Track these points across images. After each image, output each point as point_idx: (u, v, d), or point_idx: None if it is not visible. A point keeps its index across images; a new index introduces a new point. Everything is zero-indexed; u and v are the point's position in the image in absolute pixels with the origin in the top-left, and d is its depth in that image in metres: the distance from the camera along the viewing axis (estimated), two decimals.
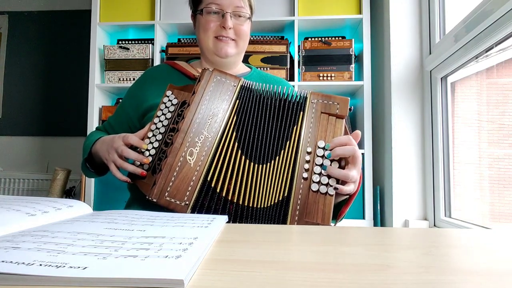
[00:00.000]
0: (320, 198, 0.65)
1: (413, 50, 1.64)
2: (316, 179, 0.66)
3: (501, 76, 1.30)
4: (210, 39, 0.94)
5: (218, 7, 0.91)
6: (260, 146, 0.70)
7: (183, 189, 0.66)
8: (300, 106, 0.73)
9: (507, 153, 1.27)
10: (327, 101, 0.73)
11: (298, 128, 0.71)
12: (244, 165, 0.69)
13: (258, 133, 0.71)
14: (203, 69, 0.78)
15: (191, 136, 0.69)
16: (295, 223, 0.64)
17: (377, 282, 0.28)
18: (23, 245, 0.33)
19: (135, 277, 0.26)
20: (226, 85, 0.76)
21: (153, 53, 1.98)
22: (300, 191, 0.66)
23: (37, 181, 2.43)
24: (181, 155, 0.68)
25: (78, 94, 2.45)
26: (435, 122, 1.54)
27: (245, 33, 0.96)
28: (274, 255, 0.36)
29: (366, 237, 0.46)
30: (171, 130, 0.72)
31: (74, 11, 2.53)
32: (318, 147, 0.69)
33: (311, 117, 0.72)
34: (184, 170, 0.67)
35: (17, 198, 0.55)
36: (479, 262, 0.35)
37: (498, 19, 1.07)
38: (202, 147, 0.69)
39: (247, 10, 0.95)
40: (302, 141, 0.69)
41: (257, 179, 0.68)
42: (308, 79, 1.88)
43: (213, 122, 0.71)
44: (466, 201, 1.47)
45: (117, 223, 0.44)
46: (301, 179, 0.66)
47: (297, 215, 0.64)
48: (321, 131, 0.71)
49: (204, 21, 0.93)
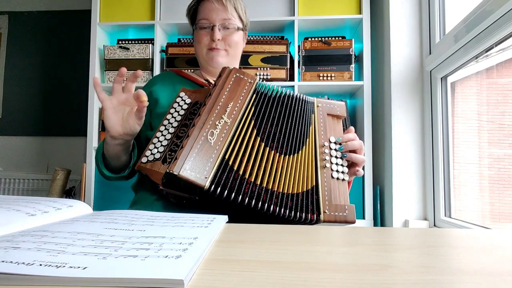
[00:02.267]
0: (340, 184, 0.79)
1: (413, 50, 1.64)
2: (334, 168, 0.79)
3: (501, 76, 1.30)
4: (204, 51, 1.04)
5: (208, 22, 1.02)
6: (281, 138, 0.79)
7: (203, 165, 0.70)
8: (311, 109, 0.86)
9: (507, 153, 1.27)
10: (330, 105, 0.88)
11: (313, 127, 0.83)
12: (264, 152, 0.76)
13: (276, 126, 0.80)
14: (224, 67, 0.85)
15: (212, 119, 0.75)
16: (326, 208, 0.74)
17: (377, 282, 0.28)
18: (23, 245, 0.33)
19: (135, 277, 0.26)
20: (243, 81, 0.83)
21: (153, 53, 1.98)
22: (325, 179, 0.77)
23: (37, 181, 2.43)
24: (203, 135, 0.72)
25: (78, 94, 2.45)
26: (435, 122, 1.54)
27: (235, 42, 1.05)
28: (274, 255, 0.36)
29: (366, 237, 0.46)
30: (183, 126, 0.77)
31: (74, 11, 2.53)
32: (330, 142, 0.83)
33: (320, 118, 0.85)
34: (205, 148, 0.72)
35: (17, 198, 0.55)
36: (479, 262, 0.35)
37: (498, 19, 1.07)
38: (222, 129, 0.75)
39: (235, 21, 1.04)
40: (317, 138, 0.82)
41: (282, 168, 0.76)
42: (308, 79, 1.88)
43: (231, 110, 0.78)
44: (466, 201, 1.47)
45: (117, 223, 0.44)
46: (324, 170, 0.79)
47: (327, 200, 0.75)
48: (330, 129, 0.85)
49: (197, 35, 1.04)
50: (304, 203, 0.74)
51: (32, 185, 2.43)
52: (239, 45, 1.07)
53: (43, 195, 2.37)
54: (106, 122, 0.78)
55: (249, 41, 1.89)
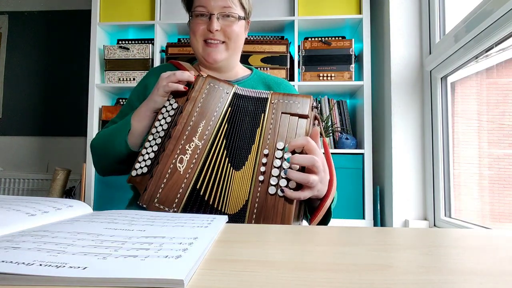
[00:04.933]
0: (279, 201, 0.63)
1: (413, 50, 1.64)
2: (273, 182, 0.65)
3: (501, 76, 1.30)
4: (200, 43, 0.93)
5: (205, 9, 0.90)
6: (239, 152, 0.70)
7: (172, 196, 0.67)
8: (262, 108, 0.73)
9: (507, 153, 1.27)
10: (288, 101, 0.72)
11: (259, 130, 0.70)
12: (227, 172, 0.69)
13: (240, 139, 0.71)
14: (197, 75, 0.78)
15: (181, 143, 0.69)
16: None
17: (377, 282, 0.28)
18: (23, 245, 0.33)
19: (135, 277, 0.26)
20: (219, 92, 0.75)
21: (153, 53, 1.98)
22: (258, 194, 0.65)
23: (37, 181, 2.44)
24: (172, 163, 0.68)
25: (78, 94, 2.45)
26: (435, 122, 1.54)
27: (235, 34, 0.92)
28: (274, 255, 0.36)
29: (366, 237, 0.46)
30: (169, 135, 0.73)
31: (74, 11, 2.53)
32: (277, 149, 0.67)
33: (271, 118, 0.71)
34: (174, 177, 0.67)
35: (17, 198, 0.55)
36: (479, 262, 0.35)
37: (498, 19, 1.07)
38: (192, 154, 0.69)
39: (236, 10, 0.91)
40: (260, 144, 0.68)
41: (231, 185, 0.68)
42: (308, 79, 1.88)
43: (204, 129, 0.71)
44: (466, 201, 1.47)
45: (117, 223, 0.44)
46: (258, 183, 0.65)
47: (253, 218, 0.63)
48: (282, 132, 0.69)
49: (193, 24, 0.93)
50: (237, 221, 0.65)
51: (32, 185, 2.43)
52: (240, 37, 0.95)
53: (43, 195, 2.37)
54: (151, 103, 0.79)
55: (249, 41, 1.90)
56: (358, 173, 1.80)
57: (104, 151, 0.87)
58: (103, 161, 0.90)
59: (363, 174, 1.79)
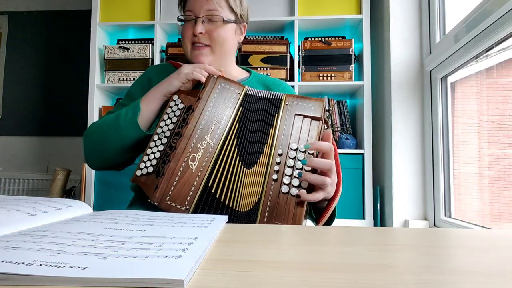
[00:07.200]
0: (292, 200, 0.65)
1: (413, 50, 1.64)
2: (287, 181, 0.66)
3: (501, 76, 1.30)
4: (188, 47, 0.94)
5: (192, 13, 0.91)
6: (250, 150, 0.72)
7: (184, 194, 0.68)
8: (275, 109, 0.75)
9: (507, 153, 1.27)
10: (302, 103, 0.74)
11: (273, 130, 0.72)
12: (238, 171, 0.70)
13: (251, 139, 0.73)
14: (208, 75, 0.80)
15: (193, 142, 0.71)
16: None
17: (377, 282, 0.28)
18: (23, 245, 0.33)
19: (135, 277, 0.26)
20: (230, 92, 0.77)
21: (153, 53, 1.98)
22: (271, 192, 0.66)
23: (37, 181, 2.43)
24: (184, 161, 0.69)
25: (78, 94, 2.45)
26: (435, 122, 1.54)
27: (220, 37, 0.91)
28: (274, 255, 0.36)
29: (366, 237, 0.46)
30: (176, 134, 0.74)
31: (74, 11, 2.53)
32: (290, 149, 0.69)
33: (285, 120, 0.73)
34: (186, 175, 0.69)
35: (17, 198, 0.55)
36: (479, 262, 0.35)
37: (498, 19, 1.07)
38: (204, 153, 0.70)
39: (223, 13, 0.91)
40: (274, 144, 0.70)
41: (243, 183, 0.69)
42: (308, 79, 1.88)
43: (216, 128, 0.73)
44: (466, 201, 1.47)
45: (117, 223, 0.44)
46: (272, 181, 0.67)
47: (266, 216, 0.64)
48: (295, 133, 0.71)
49: (182, 29, 0.94)
50: (248, 219, 0.66)
51: (32, 185, 2.43)
52: (227, 40, 0.93)
53: (43, 195, 2.37)
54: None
55: (249, 41, 1.90)
56: (358, 173, 1.80)
57: (104, 139, 0.85)
58: (99, 150, 0.87)
59: (363, 174, 1.79)
